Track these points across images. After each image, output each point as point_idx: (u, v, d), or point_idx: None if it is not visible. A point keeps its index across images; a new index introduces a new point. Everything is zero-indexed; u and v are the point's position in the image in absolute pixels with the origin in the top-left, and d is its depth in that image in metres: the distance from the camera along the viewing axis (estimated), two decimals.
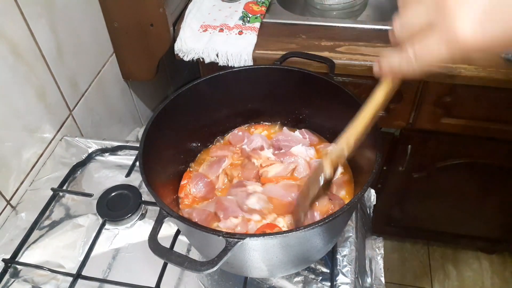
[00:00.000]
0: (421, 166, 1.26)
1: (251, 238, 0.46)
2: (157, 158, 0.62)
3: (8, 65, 0.72)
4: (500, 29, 0.31)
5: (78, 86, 0.93)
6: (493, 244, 1.61)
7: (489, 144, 1.14)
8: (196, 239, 0.59)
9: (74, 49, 0.90)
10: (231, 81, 0.70)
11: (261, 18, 1.06)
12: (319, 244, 0.56)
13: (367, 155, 0.59)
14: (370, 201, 0.80)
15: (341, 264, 0.64)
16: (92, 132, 0.99)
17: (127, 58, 1.06)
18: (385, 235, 0.88)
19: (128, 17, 0.97)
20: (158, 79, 1.21)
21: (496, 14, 0.31)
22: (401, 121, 1.12)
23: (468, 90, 1.00)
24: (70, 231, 0.71)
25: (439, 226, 1.53)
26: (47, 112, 0.83)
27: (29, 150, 0.79)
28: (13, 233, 0.72)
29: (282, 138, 0.72)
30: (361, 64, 0.97)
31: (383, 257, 0.73)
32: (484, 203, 1.36)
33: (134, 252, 0.68)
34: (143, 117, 1.25)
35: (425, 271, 1.67)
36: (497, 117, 1.06)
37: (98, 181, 0.79)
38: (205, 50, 1.00)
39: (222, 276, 0.64)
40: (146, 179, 0.54)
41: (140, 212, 0.73)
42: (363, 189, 0.51)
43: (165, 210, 0.50)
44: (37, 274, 0.66)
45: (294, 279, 0.63)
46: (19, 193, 0.77)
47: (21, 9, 0.73)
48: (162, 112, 0.63)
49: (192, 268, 0.45)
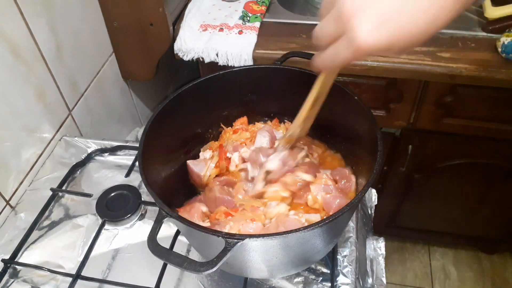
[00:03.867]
0: (421, 166, 1.26)
1: (251, 239, 0.46)
2: (156, 158, 0.62)
3: (7, 65, 0.72)
4: (394, 36, 0.36)
5: (78, 86, 0.93)
6: (493, 244, 1.61)
7: (490, 144, 1.14)
8: (196, 239, 0.59)
9: (74, 48, 0.89)
10: (231, 81, 0.70)
11: (261, 17, 1.06)
12: (320, 244, 0.56)
13: (367, 155, 0.58)
14: (371, 201, 0.79)
15: (342, 265, 0.64)
16: (91, 132, 0.98)
17: (127, 58, 1.06)
18: (386, 236, 0.88)
19: (127, 16, 0.96)
20: (158, 79, 1.21)
21: (390, 22, 0.36)
22: (402, 121, 1.12)
23: (469, 90, 1.00)
24: (69, 232, 0.71)
25: (439, 226, 1.53)
26: (46, 112, 0.83)
27: (29, 150, 0.79)
28: (12, 233, 0.71)
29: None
30: (362, 64, 0.96)
31: (384, 258, 0.73)
32: (484, 203, 1.36)
33: (134, 252, 0.68)
34: (143, 117, 1.25)
35: (426, 271, 1.67)
36: (498, 117, 1.06)
37: (98, 181, 0.79)
38: (205, 49, 0.99)
39: (222, 276, 0.64)
40: (145, 179, 0.53)
41: (140, 212, 0.73)
42: (363, 189, 0.51)
43: (165, 210, 0.50)
44: (37, 274, 0.66)
45: (294, 280, 0.63)
46: (18, 193, 0.77)
47: (20, 9, 0.73)
48: (161, 112, 0.63)
49: (191, 269, 0.45)
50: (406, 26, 0.36)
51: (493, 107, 1.04)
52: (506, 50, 0.92)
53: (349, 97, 0.62)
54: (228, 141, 0.73)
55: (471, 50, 0.97)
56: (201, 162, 0.70)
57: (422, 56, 0.97)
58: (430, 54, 0.97)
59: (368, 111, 0.59)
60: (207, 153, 0.72)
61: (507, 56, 0.93)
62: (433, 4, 0.36)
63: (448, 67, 0.94)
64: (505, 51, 0.93)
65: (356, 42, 0.37)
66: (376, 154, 0.54)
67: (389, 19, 0.36)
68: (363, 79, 1.02)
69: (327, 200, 0.60)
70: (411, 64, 0.96)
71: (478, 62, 0.94)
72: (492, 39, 0.98)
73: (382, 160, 0.54)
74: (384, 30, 0.36)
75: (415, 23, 0.36)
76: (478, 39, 1.00)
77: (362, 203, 0.77)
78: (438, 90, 1.02)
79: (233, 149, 0.70)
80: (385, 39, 0.36)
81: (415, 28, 0.36)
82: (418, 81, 1.02)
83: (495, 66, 0.93)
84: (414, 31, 0.37)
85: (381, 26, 0.36)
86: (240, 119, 0.76)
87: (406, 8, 0.36)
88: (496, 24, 0.99)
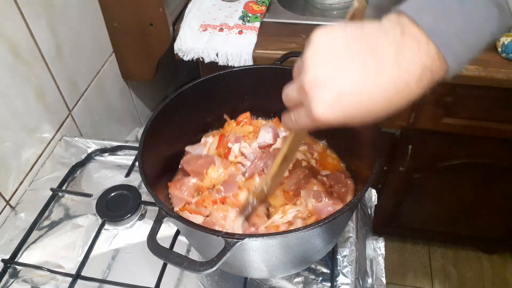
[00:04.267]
0: (421, 166, 1.26)
1: (250, 239, 0.46)
2: (156, 158, 0.62)
3: (7, 65, 0.72)
4: (350, 112, 0.37)
5: (78, 86, 0.93)
6: (493, 244, 1.61)
7: (489, 144, 1.14)
8: (195, 239, 0.59)
9: (74, 48, 0.89)
10: (231, 81, 0.70)
11: (261, 17, 1.06)
12: (319, 244, 0.56)
13: (367, 155, 0.58)
14: (371, 201, 0.79)
15: (342, 265, 0.64)
16: (91, 132, 0.98)
17: (127, 58, 1.06)
18: (386, 236, 0.88)
19: (127, 16, 0.96)
20: (158, 79, 1.21)
21: (345, 100, 0.37)
22: (402, 121, 1.12)
23: (469, 90, 1.00)
24: (69, 232, 0.71)
25: (439, 226, 1.53)
26: (46, 112, 0.83)
27: (29, 150, 0.79)
28: (12, 233, 0.71)
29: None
30: None
31: (384, 258, 0.73)
32: (484, 203, 1.36)
33: (134, 252, 0.68)
34: (143, 117, 1.25)
35: (426, 271, 1.67)
36: (498, 117, 1.06)
37: (98, 181, 0.79)
38: (205, 49, 0.99)
39: (222, 276, 0.64)
40: (145, 179, 0.53)
41: (140, 212, 0.73)
42: (363, 189, 0.51)
43: (164, 210, 0.50)
44: (37, 274, 0.66)
45: (294, 280, 0.63)
46: (18, 193, 0.77)
47: (20, 9, 0.73)
48: (161, 112, 0.63)
49: (191, 268, 0.45)
50: (362, 104, 0.37)
51: (493, 107, 1.04)
52: (506, 50, 0.92)
53: None
54: (230, 132, 0.73)
55: None
56: (201, 146, 0.71)
57: None
58: None
59: None
60: (209, 138, 0.73)
61: (507, 56, 0.93)
62: (393, 87, 0.36)
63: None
64: (505, 51, 0.93)
65: (313, 115, 0.38)
66: (376, 154, 0.54)
67: (345, 96, 0.37)
68: None
69: (319, 207, 0.60)
70: None
71: (478, 62, 0.94)
72: None
73: (382, 160, 0.54)
74: (339, 107, 0.37)
75: (372, 102, 0.37)
76: None
77: (362, 203, 0.77)
78: (438, 90, 1.02)
79: (234, 140, 0.70)
80: (340, 115, 0.37)
81: (372, 107, 0.37)
82: None
83: (495, 66, 0.93)
84: (371, 110, 0.37)
85: (338, 102, 0.37)
86: (244, 114, 0.76)
87: (365, 88, 0.36)
88: None
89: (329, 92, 0.37)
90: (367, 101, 0.37)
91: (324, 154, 0.71)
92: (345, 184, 0.63)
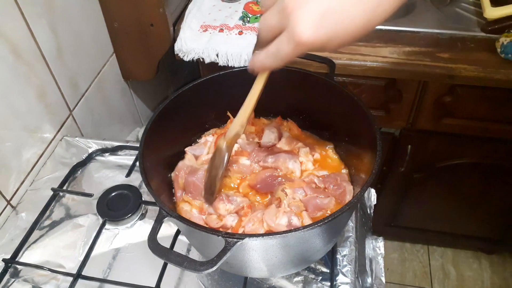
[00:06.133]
0: (421, 166, 1.26)
1: (250, 238, 0.46)
2: (157, 158, 0.62)
3: (8, 65, 0.72)
4: (332, 31, 0.38)
5: (78, 86, 0.93)
6: (493, 244, 1.61)
7: (489, 144, 1.14)
8: (196, 239, 0.59)
9: (74, 49, 0.90)
10: (231, 81, 0.70)
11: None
12: (319, 244, 0.56)
13: (367, 155, 0.59)
14: (371, 201, 0.80)
15: (341, 264, 0.64)
16: (92, 132, 0.99)
17: (127, 58, 1.06)
18: (385, 235, 0.88)
19: (128, 17, 0.97)
20: (158, 79, 1.21)
21: (329, 18, 0.37)
22: (401, 121, 1.12)
23: (468, 90, 1.00)
24: (70, 231, 0.71)
25: (439, 226, 1.53)
26: (47, 112, 0.83)
27: (29, 150, 0.79)
28: (13, 233, 0.72)
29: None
30: (361, 64, 0.97)
31: (383, 257, 0.73)
32: (484, 203, 1.36)
33: (134, 252, 0.68)
34: (143, 117, 1.26)
35: (425, 271, 1.67)
36: (497, 117, 1.06)
37: (98, 181, 0.79)
38: (205, 50, 1.00)
39: (222, 276, 0.64)
40: (146, 179, 0.54)
41: (140, 212, 0.73)
42: (362, 189, 0.51)
43: (165, 210, 0.50)
44: (37, 274, 0.66)
45: (294, 279, 0.63)
46: (19, 193, 0.77)
47: (21, 9, 0.73)
48: (162, 112, 0.63)
49: (191, 268, 0.45)
50: (344, 22, 0.38)
51: (492, 107, 1.04)
52: (505, 50, 0.93)
53: (348, 97, 0.62)
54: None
55: (470, 51, 0.98)
56: (201, 146, 0.71)
57: (421, 56, 0.97)
58: (429, 54, 0.97)
59: (367, 111, 0.59)
60: (209, 137, 0.73)
61: (506, 56, 0.93)
62: (371, 5, 0.38)
63: (447, 67, 0.94)
64: (504, 51, 0.93)
65: (296, 36, 0.38)
66: (376, 154, 0.54)
67: (328, 14, 0.37)
68: (362, 79, 1.02)
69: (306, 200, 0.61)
70: (410, 64, 0.96)
71: (477, 62, 0.94)
72: (491, 40, 0.98)
73: (381, 160, 0.54)
74: (323, 25, 0.38)
75: (353, 19, 0.38)
76: (477, 40, 1.00)
77: (361, 202, 0.77)
78: (437, 90, 1.02)
79: None
80: (324, 34, 0.38)
81: (353, 24, 0.38)
82: (417, 82, 1.02)
83: (494, 66, 0.93)
84: (352, 27, 0.38)
85: (321, 21, 0.38)
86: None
87: (345, 5, 0.38)
88: (495, 24, 0.99)
89: (314, 10, 0.38)
90: (348, 19, 0.38)
91: (324, 154, 0.71)
92: (341, 186, 0.63)
